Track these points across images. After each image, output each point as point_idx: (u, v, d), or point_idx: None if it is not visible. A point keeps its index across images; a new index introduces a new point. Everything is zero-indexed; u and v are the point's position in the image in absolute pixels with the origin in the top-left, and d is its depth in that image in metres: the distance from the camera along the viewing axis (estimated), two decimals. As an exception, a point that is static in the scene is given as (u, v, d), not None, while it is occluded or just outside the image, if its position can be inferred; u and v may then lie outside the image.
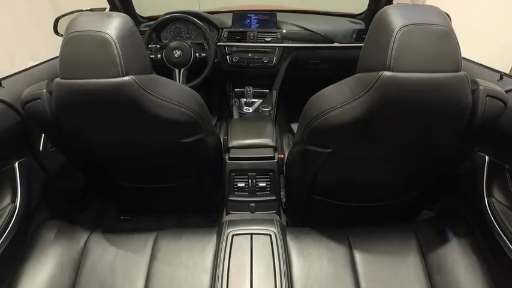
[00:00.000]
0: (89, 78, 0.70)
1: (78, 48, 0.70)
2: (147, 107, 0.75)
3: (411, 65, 0.61)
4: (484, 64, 1.06)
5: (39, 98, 0.77)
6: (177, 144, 0.88)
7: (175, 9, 1.71)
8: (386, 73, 0.62)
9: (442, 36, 0.62)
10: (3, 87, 0.91)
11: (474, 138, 0.74)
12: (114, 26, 0.71)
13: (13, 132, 0.89)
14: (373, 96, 0.64)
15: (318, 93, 0.80)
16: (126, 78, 0.70)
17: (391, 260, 0.90)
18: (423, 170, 0.87)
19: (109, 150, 0.92)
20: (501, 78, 0.92)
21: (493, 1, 3.33)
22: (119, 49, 0.69)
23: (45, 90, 0.77)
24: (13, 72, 1.02)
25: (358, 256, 0.91)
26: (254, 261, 0.86)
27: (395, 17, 0.63)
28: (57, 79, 0.73)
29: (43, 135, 1.03)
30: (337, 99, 0.72)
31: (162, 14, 1.75)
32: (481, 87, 0.68)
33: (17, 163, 0.90)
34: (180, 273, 0.87)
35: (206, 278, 0.85)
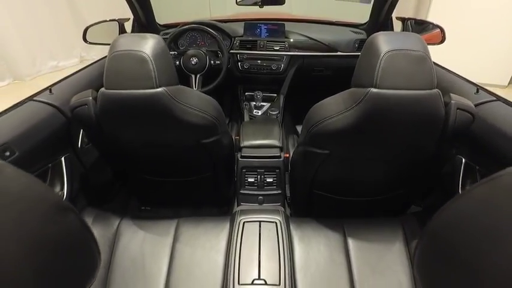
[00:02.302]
0: (129, 89, 0.85)
1: (121, 65, 0.85)
2: (175, 113, 0.90)
3: (394, 83, 0.75)
4: (466, 78, 1.19)
5: (86, 104, 0.93)
6: (197, 144, 1.04)
7: (188, 14, 1.84)
8: (373, 90, 0.76)
9: (419, 60, 0.76)
10: (53, 93, 1.08)
11: (448, 144, 0.88)
12: (149, 45, 0.86)
13: (61, 131, 1.06)
14: (362, 108, 0.78)
15: (318, 103, 0.94)
16: (159, 89, 0.85)
17: (380, 247, 1.04)
18: (409, 169, 1.01)
19: (139, 148, 1.08)
20: (477, 91, 1.05)
21: (497, 9, 3.41)
22: (153, 65, 0.84)
23: (91, 97, 0.93)
24: (59, 79, 1.19)
25: (351, 243, 1.04)
26: (262, 245, 1.01)
27: (383, 43, 0.77)
28: (102, 89, 0.89)
29: (81, 134, 1.19)
30: (334, 109, 0.86)
31: (177, 19, 1.89)
32: (452, 102, 0.81)
33: (63, 157, 1.07)
34: (199, 254, 1.02)
35: (221, 258, 1.00)
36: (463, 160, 1.02)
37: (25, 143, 0.91)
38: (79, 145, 1.18)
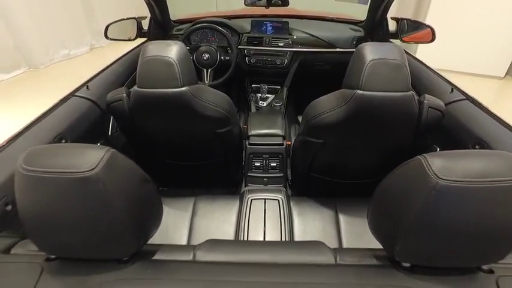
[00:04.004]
0: (158, 88, 1.02)
1: (151, 68, 1.02)
2: (195, 108, 1.08)
3: (376, 86, 0.92)
4: (445, 78, 1.35)
5: (121, 100, 1.11)
6: (213, 133, 1.22)
7: (196, 9, 1.96)
8: (359, 91, 0.93)
9: (397, 68, 0.92)
10: (89, 89, 1.26)
11: (423, 135, 1.06)
12: (174, 52, 1.02)
13: (97, 122, 1.25)
14: (350, 106, 0.96)
15: (315, 100, 1.11)
16: (183, 88, 1.03)
17: (366, 222, 1.23)
18: (391, 157, 1.18)
19: (163, 136, 1.26)
20: (452, 91, 1.22)
21: (495, 3, 3.50)
22: (178, 68, 1.01)
23: (125, 94, 1.11)
24: (92, 76, 1.37)
25: (341, 218, 1.23)
26: (266, 218, 1.20)
27: (368, 52, 0.93)
28: (135, 88, 1.06)
29: (110, 123, 1.38)
30: (327, 106, 1.04)
31: (186, 13, 2.02)
32: (425, 102, 0.98)
33: (99, 144, 1.26)
34: (214, 225, 1.21)
35: (232, 229, 1.19)
36: (438, 149, 1.20)
37: (73, 132, 1.10)
38: (109, 133, 1.38)
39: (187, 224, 1.24)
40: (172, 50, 1.02)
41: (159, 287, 0.54)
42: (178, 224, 1.23)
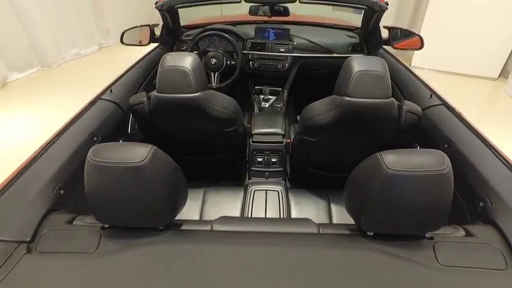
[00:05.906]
0: (175, 94, 1.19)
1: (169, 76, 1.19)
2: (207, 110, 1.25)
3: (361, 94, 1.08)
4: (428, 85, 1.51)
5: (142, 103, 1.28)
6: (221, 132, 1.39)
7: (202, 13, 2.13)
8: (347, 98, 1.09)
9: (379, 78, 1.08)
10: (112, 93, 1.44)
11: (403, 136, 1.23)
12: (189, 62, 1.19)
13: (120, 121, 1.43)
14: (339, 110, 1.13)
15: (310, 104, 1.28)
16: (197, 94, 1.20)
17: None
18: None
19: (177, 135, 1.43)
20: (431, 96, 1.39)
21: (490, 6, 3.63)
22: (193, 76, 1.18)
23: (145, 98, 1.28)
24: (114, 80, 1.55)
25: (333, 208, 1.40)
26: (267, 207, 1.37)
27: (355, 64, 1.10)
28: (155, 93, 1.23)
29: (130, 123, 1.56)
30: (320, 109, 1.21)
31: (194, 20, 2.18)
32: (404, 107, 1.15)
33: (121, 140, 1.44)
34: (221, 212, 1.37)
35: (237, 216, 1.38)
36: (418, 147, 1.37)
37: (102, 131, 1.28)
38: (129, 131, 1.55)
39: (198, 212, 1.41)
40: (187, 61, 1.19)
41: (189, 246, 0.72)
42: (190, 212, 1.41)
